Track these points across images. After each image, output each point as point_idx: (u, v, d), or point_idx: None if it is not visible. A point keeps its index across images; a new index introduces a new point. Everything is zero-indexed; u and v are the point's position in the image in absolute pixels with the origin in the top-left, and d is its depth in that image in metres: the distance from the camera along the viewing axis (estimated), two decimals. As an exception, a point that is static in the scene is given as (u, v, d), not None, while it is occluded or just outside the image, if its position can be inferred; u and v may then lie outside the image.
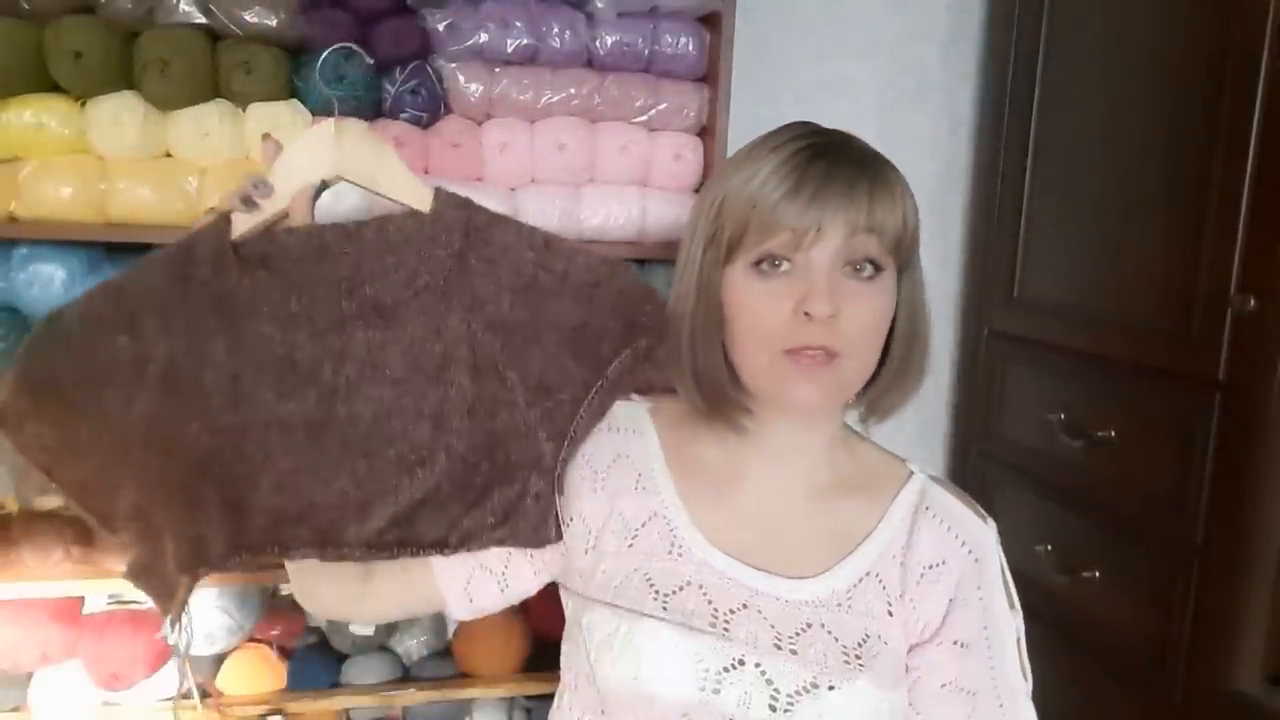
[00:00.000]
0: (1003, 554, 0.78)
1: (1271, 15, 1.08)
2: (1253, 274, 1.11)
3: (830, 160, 0.71)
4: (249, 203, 0.71)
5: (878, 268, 0.72)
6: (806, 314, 0.69)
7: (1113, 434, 1.32)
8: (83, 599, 1.37)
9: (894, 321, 0.75)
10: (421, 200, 0.72)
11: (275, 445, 0.69)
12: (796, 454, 0.79)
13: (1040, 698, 0.77)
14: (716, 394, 0.76)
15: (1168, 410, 1.23)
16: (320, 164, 0.72)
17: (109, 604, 1.38)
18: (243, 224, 0.70)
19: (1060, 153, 1.50)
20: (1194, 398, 1.18)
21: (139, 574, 0.72)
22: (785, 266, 0.71)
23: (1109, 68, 1.39)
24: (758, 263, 0.71)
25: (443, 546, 0.73)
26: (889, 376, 0.76)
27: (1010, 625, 0.76)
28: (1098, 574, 1.35)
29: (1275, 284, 1.08)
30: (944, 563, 0.76)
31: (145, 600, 1.36)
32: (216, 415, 0.69)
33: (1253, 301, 1.10)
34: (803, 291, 0.69)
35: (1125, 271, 1.33)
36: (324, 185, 0.75)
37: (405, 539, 0.72)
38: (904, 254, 0.74)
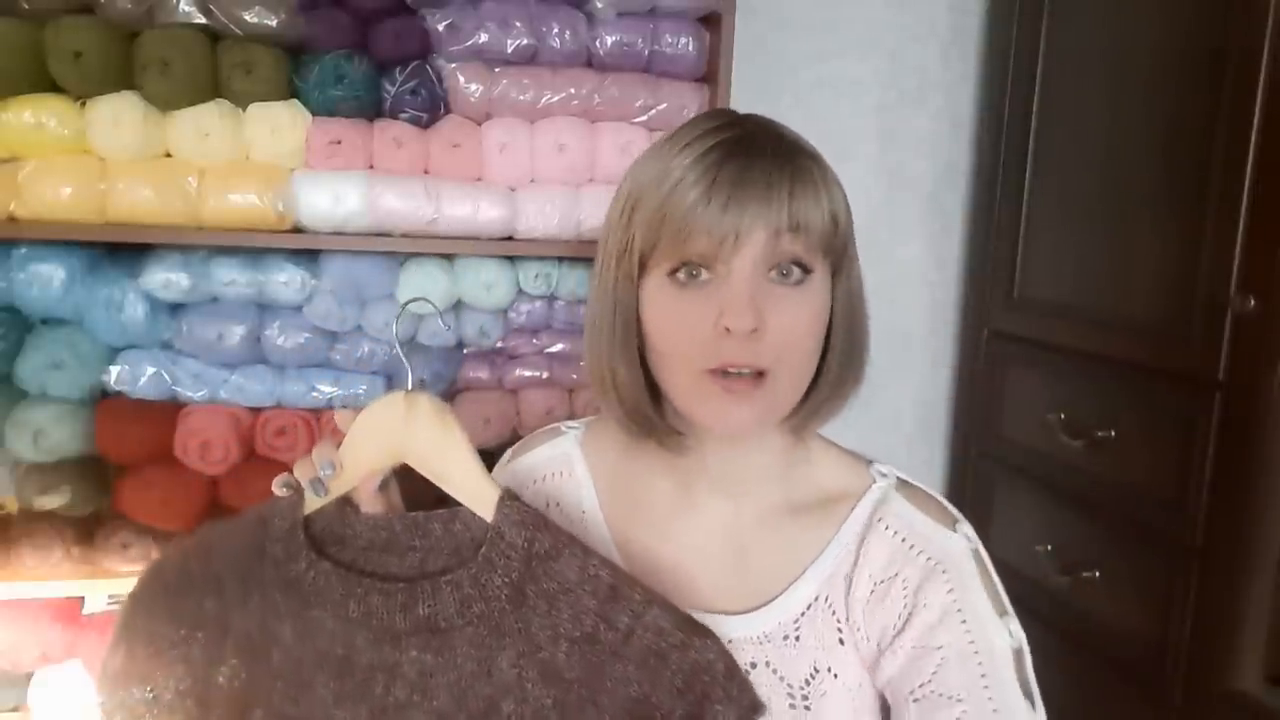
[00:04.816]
0: (986, 559, 0.71)
1: (1272, 14, 1.08)
2: (1253, 274, 1.11)
3: (745, 156, 0.63)
4: (318, 485, 0.67)
5: (806, 270, 0.65)
6: (728, 329, 0.62)
7: (1113, 434, 1.32)
8: (83, 599, 1.37)
9: (831, 326, 0.68)
10: (484, 504, 0.66)
11: None
12: (745, 475, 0.74)
13: (1040, 698, 0.76)
14: (641, 418, 0.71)
15: (1168, 410, 1.23)
16: (388, 449, 0.69)
17: (109, 604, 1.38)
18: (315, 501, 0.69)
19: (1060, 153, 1.50)
20: (1194, 398, 1.18)
21: None
22: (704, 276, 0.64)
23: (1109, 68, 1.39)
24: (674, 271, 0.65)
25: None
26: (828, 386, 0.70)
27: (1002, 634, 0.67)
28: (1098, 574, 1.35)
29: (1275, 284, 1.08)
30: (896, 575, 0.68)
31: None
32: (280, 702, 0.66)
33: (1253, 301, 1.10)
34: (722, 305, 0.63)
35: (1125, 271, 1.33)
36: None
37: None
38: (836, 253, 0.67)
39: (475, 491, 0.67)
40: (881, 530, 0.71)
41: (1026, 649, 0.68)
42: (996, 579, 0.70)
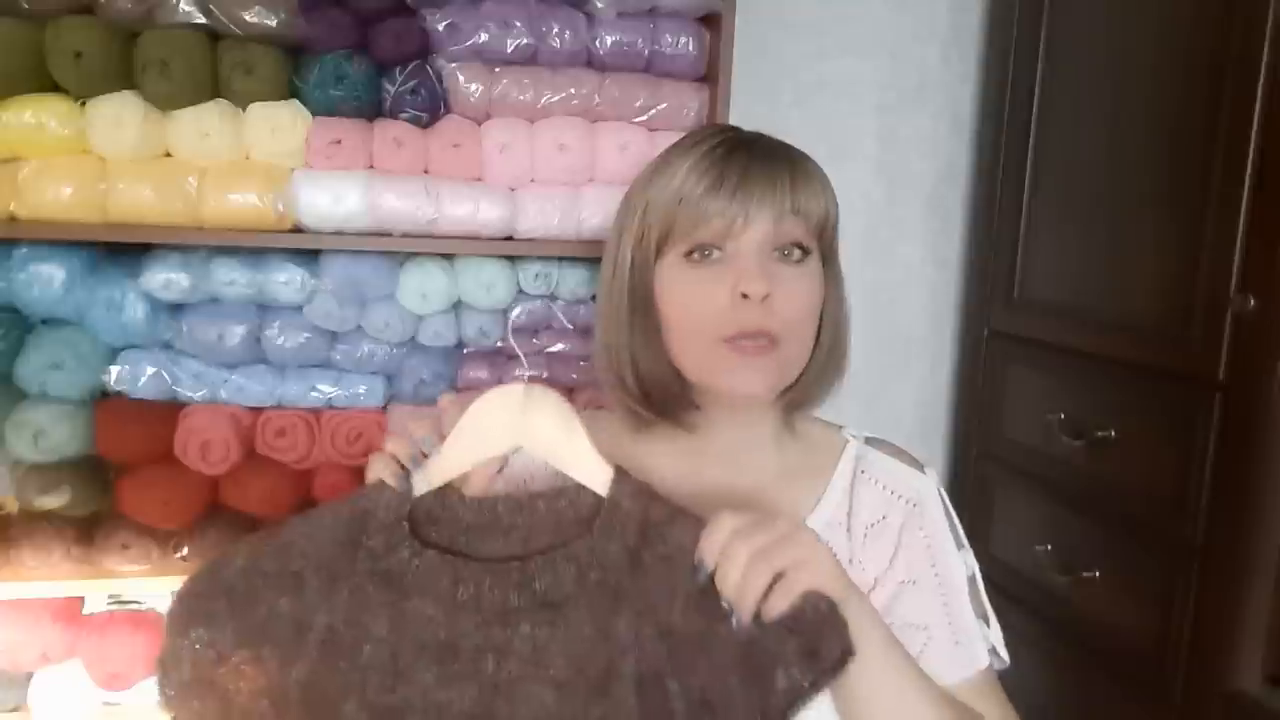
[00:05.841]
0: (946, 499, 0.82)
1: (1271, 16, 1.08)
2: (1253, 274, 1.11)
3: (749, 152, 0.72)
4: (418, 460, 0.69)
5: (805, 251, 0.74)
6: (744, 295, 0.70)
7: (1113, 434, 1.32)
8: (83, 599, 1.37)
9: (822, 311, 0.77)
10: (600, 481, 0.70)
11: None
12: (746, 448, 0.81)
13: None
14: (663, 394, 0.77)
15: (1168, 410, 1.23)
16: (505, 438, 0.71)
17: (109, 604, 1.38)
18: (420, 486, 0.70)
19: (1060, 153, 1.50)
20: (1194, 398, 1.18)
21: None
22: (716, 255, 0.72)
23: (1109, 68, 1.39)
24: (689, 253, 0.73)
25: None
26: (817, 366, 0.78)
27: (960, 566, 0.80)
28: (1098, 574, 1.35)
29: (1275, 284, 1.08)
30: (884, 518, 0.80)
31: (145, 600, 1.37)
32: (374, 693, 0.66)
33: (1253, 301, 1.10)
34: (736, 276, 0.71)
35: (1125, 271, 1.33)
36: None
37: None
38: (827, 242, 0.76)
39: (590, 468, 0.70)
40: (866, 480, 0.81)
41: (979, 575, 0.81)
42: (954, 515, 0.82)
